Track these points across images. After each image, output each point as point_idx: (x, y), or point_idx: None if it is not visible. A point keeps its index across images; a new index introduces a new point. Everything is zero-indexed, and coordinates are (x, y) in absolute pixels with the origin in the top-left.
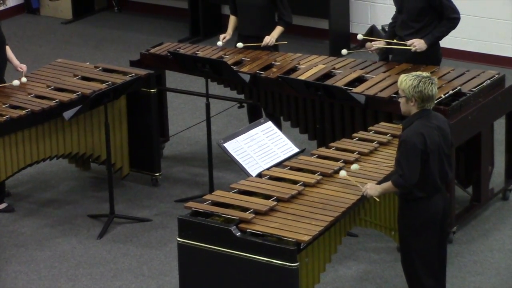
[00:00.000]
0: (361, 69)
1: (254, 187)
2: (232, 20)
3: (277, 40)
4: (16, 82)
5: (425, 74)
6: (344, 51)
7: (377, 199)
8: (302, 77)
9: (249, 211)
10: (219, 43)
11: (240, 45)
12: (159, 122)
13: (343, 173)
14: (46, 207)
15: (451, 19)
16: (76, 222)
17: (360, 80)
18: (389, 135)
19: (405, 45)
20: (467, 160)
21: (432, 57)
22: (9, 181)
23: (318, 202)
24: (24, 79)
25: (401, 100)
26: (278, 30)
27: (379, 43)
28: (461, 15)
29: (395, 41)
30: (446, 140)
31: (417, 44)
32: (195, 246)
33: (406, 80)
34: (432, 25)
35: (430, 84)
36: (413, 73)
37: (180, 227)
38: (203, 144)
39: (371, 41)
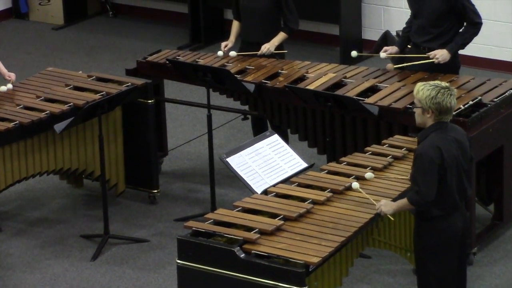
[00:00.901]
0: (374, 78)
1: (259, 205)
2: (235, 25)
3: (278, 47)
4: (3, 88)
5: (444, 84)
6: (354, 53)
7: (392, 218)
8: (311, 87)
9: (254, 231)
10: (220, 53)
11: (233, 53)
12: (157, 135)
13: (356, 185)
14: (35, 226)
15: (474, 24)
16: (68, 242)
17: (373, 90)
18: (404, 148)
19: (427, 58)
20: (489, 175)
21: (451, 65)
22: None
23: (328, 221)
24: (9, 86)
25: (417, 111)
26: (280, 36)
27: (392, 49)
28: (483, 21)
29: (415, 55)
30: (464, 154)
31: (440, 56)
32: (196, 268)
33: (424, 90)
34: (452, 31)
35: (449, 96)
36: (431, 83)
37: (179, 248)
38: (204, 159)
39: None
